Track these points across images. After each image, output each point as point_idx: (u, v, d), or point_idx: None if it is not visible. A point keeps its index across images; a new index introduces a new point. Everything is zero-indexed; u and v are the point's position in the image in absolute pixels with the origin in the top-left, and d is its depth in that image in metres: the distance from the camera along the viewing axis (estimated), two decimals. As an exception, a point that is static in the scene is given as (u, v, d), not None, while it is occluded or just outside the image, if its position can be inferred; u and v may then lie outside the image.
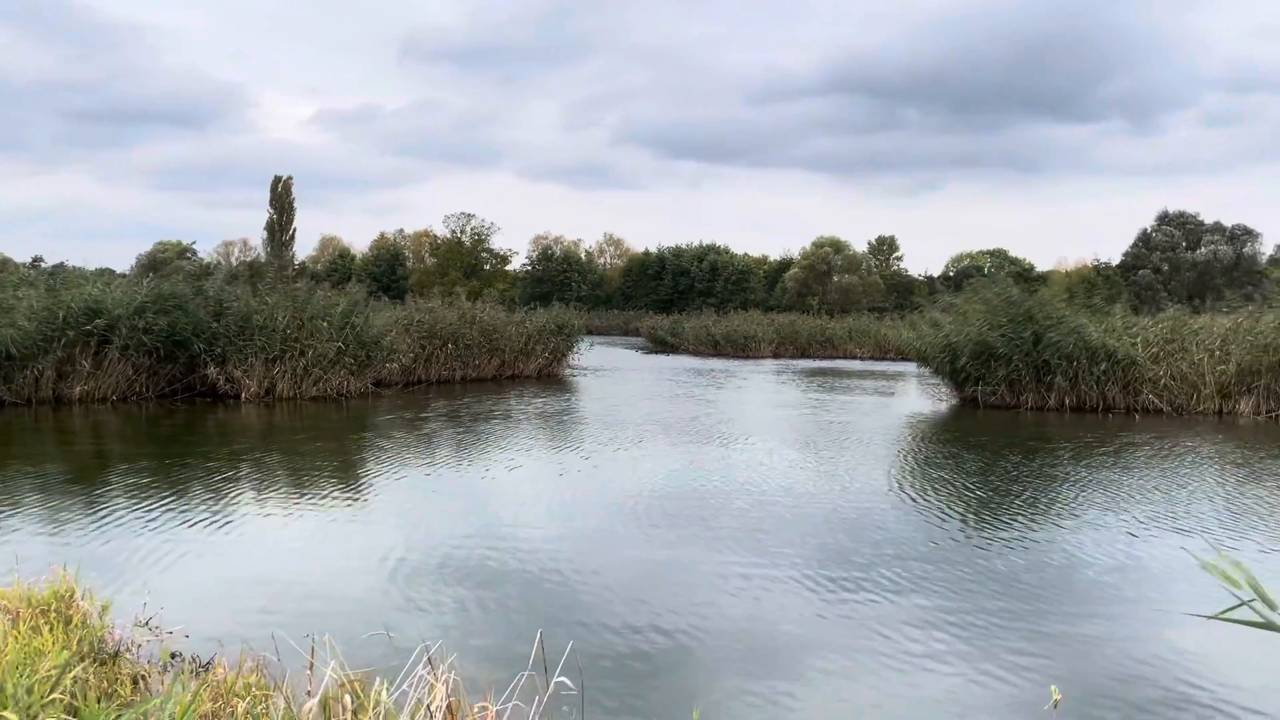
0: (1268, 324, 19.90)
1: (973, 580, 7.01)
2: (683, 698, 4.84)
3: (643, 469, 11.62)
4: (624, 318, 72.82)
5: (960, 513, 9.45)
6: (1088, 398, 19.63)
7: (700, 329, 45.69)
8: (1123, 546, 8.12)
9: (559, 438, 14.52)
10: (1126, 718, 4.74)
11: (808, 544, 8.02)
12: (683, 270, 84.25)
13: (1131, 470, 12.13)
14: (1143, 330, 21.11)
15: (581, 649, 5.45)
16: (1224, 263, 73.94)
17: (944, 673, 5.26)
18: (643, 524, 8.71)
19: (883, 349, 41.72)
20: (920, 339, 22.03)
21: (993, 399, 20.11)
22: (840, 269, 78.58)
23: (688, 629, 5.90)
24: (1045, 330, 19.65)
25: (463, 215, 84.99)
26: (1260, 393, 19.02)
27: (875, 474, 11.52)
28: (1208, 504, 10.00)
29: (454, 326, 24.34)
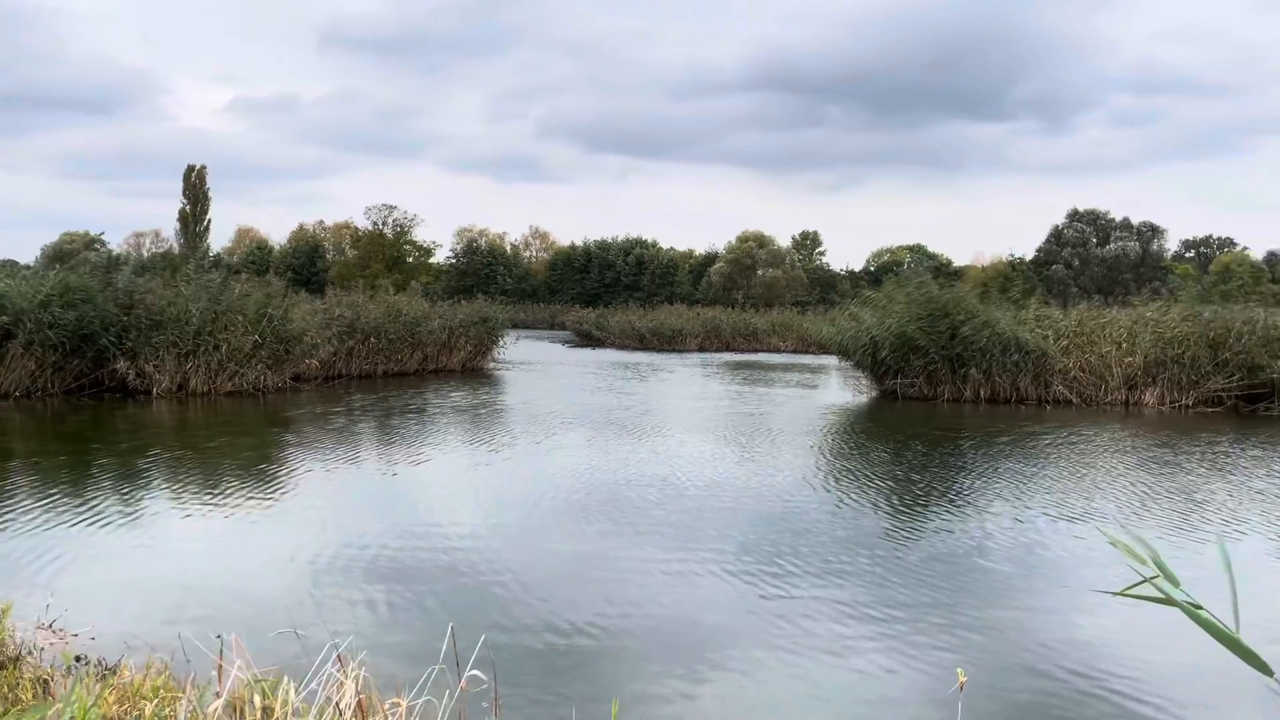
0: (1172, 318, 20.66)
1: (889, 568, 7.14)
2: (602, 690, 4.83)
3: (565, 463, 11.58)
4: (550, 311, 72.53)
5: (878, 502, 9.62)
6: (1001, 389, 20.15)
7: (626, 323, 45.77)
8: (1031, 533, 8.35)
9: (481, 432, 14.39)
10: (1032, 698, 4.88)
11: (729, 535, 8.08)
12: (609, 264, 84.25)
13: (1040, 460, 12.49)
14: (1054, 324, 21.75)
15: (501, 643, 5.41)
16: (1131, 258, 76.63)
17: (859, 660, 5.35)
18: (565, 518, 8.68)
19: (805, 343, 42.26)
20: (841, 333, 22.36)
21: (911, 391, 20.52)
22: (764, 263, 79.39)
23: (609, 622, 5.89)
24: (961, 324, 20.12)
25: (385, 207, 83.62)
26: (1164, 384, 19.74)
27: (797, 465, 11.66)
28: (1108, 491, 10.34)
29: (376, 320, 23.94)
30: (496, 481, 10.57)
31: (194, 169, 74.79)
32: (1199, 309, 20.94)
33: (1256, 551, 7.91)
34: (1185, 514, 9.20)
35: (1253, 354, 19.27)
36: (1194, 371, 19.54)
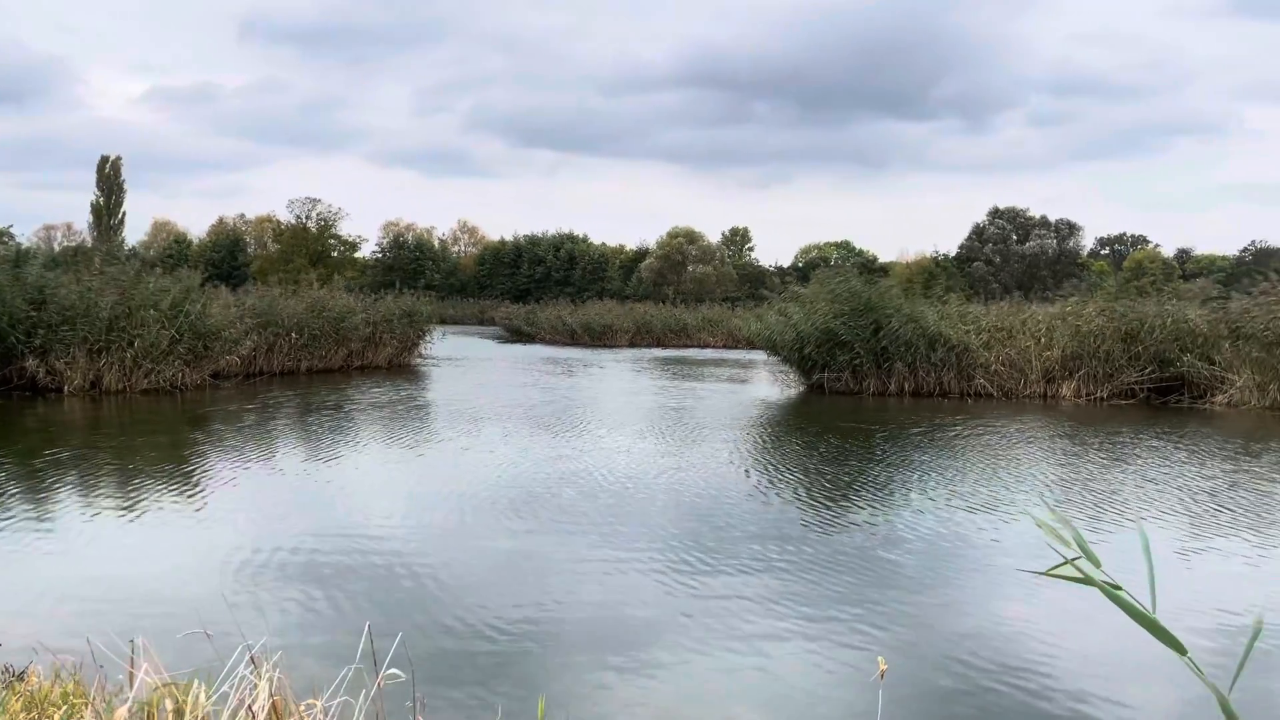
0: (1088, 313, 21.27)
1: (813, 559, 7.21)
2: (528, 687, 4.79)
3: (491, 459, 11.47)
4: (479, 307, 71.96)
5: (804, 494, 9.72)
6: (925, 383, 20.54)
7: (556, 318, 45.59)
8: (948, 523, 8.51)
9: (405, 429, 14.18)
10: (953, 683, 4.97)
11: (658, 529, 8.08)
12: (539, 259, 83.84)
13: (958, 452, 12.75)
14: (975, 319, 22.24)
15: (424, 642, 5.32)
16: (1050, 255, 78.83)
17: (783, 650, 5.38)
18: (490, 515, 8.59)
19: (735, 338, 42.55)
20: (769, 328, 22.56)
21: (837, 385, 20.79)
22: (695, 259, 79.79)
23: (535, 618, 5.84)
24: (885, 319, 20.45)
25: (308, 200, 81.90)
26: (1081, 377, 20.33)
27: (725, 459, 11.73)
28: (1015, 482, 10.61)
29: (299, 315, 23.43)
30: (421, 479, 10.43)
31: (108, 160, 72.44)
32: (1113, 305, 21.59)
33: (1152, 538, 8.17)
34: (1080, 502, 9.47)
35: (1163, 348, 19.96)
36: (1108, 365, 20.15)
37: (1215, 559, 7.52)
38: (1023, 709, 4.68)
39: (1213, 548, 7.84)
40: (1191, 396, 19.50)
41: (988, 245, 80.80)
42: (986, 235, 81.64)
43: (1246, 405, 18.59)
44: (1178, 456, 12.45)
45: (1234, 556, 7.58)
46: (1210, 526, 8.54)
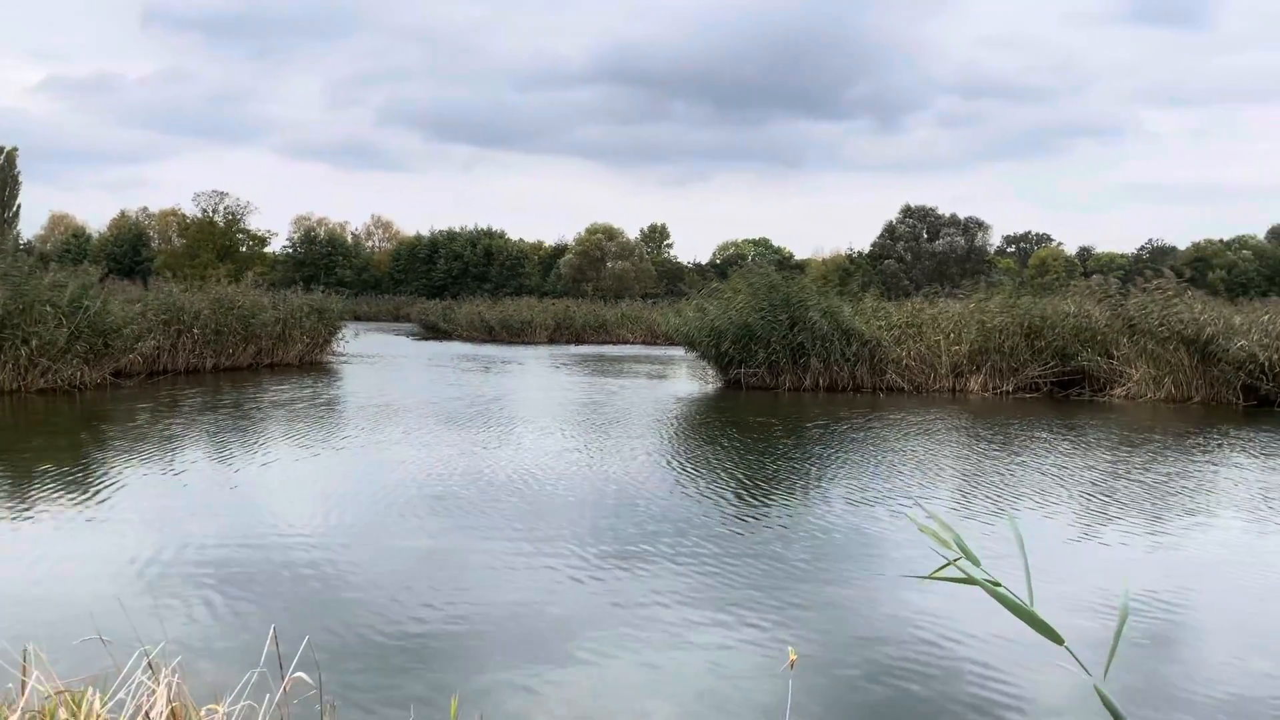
0: (994, 308, 21.90)
1: (731, 552, 7.28)
2: (443, 686, 4.73)
3: (406, 458, 11.30)
4: (394, 303, 70.85)
5: (721, 489, 9.80)
6: (839, 378, 20.91)
7: (474, 314, 45.17)
8: (861, 515, 8.68)
9: (317, 428, 13.88)
10: (863, 671, 5.06)
11: (577, 526, 8.06)
12: (456, 255, 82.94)
13: (871, 445, 13.02)
14: (887, 315, 22.72)
15: (334, 644, 5.22)
16: (959, 252, 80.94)
17: (699, 643, 5.42)
18: (407, 514, 8.46)
19: (654, 334, 42.72)
20: (687, 324, 22.70)
21: (754, 380, 21.03)
22: (613, 255, 79.87)
23: (450, 618, 5.77)
24: (801, 314, 20.75)
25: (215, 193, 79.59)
26: (987, 371, 20.93)
27: (643, 455, 11.76)
28: (932, 474, 10.88)
29: (204, 311, 22.75)
30: (331, 478, 10.22)
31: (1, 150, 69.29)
32: (1016, 301, 22.27)
33: (1036, 527, 8.46)
34: (974, 494, 9.77)
35: (1065, 343, 20.67)
36: (1013, 359, 20.78)
37: (1095, 546, 7.81)
38: (930, 695, 4.80)
39: (1092, 535, 8.14)
40: (1092, 390, 20.24)
41: (900, 243, 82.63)
42: (898, 233, 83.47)
43: (1143, 398, 19.38)
44: (1063, 447, 12.90)
45: (1113, 544, 7.89)
46: (1092, 515, 8.87)
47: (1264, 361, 18.24)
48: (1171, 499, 9.62)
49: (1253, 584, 6.91)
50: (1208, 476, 10.98)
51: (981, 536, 7.88)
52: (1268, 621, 6.10)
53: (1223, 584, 6.90)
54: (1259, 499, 9.68)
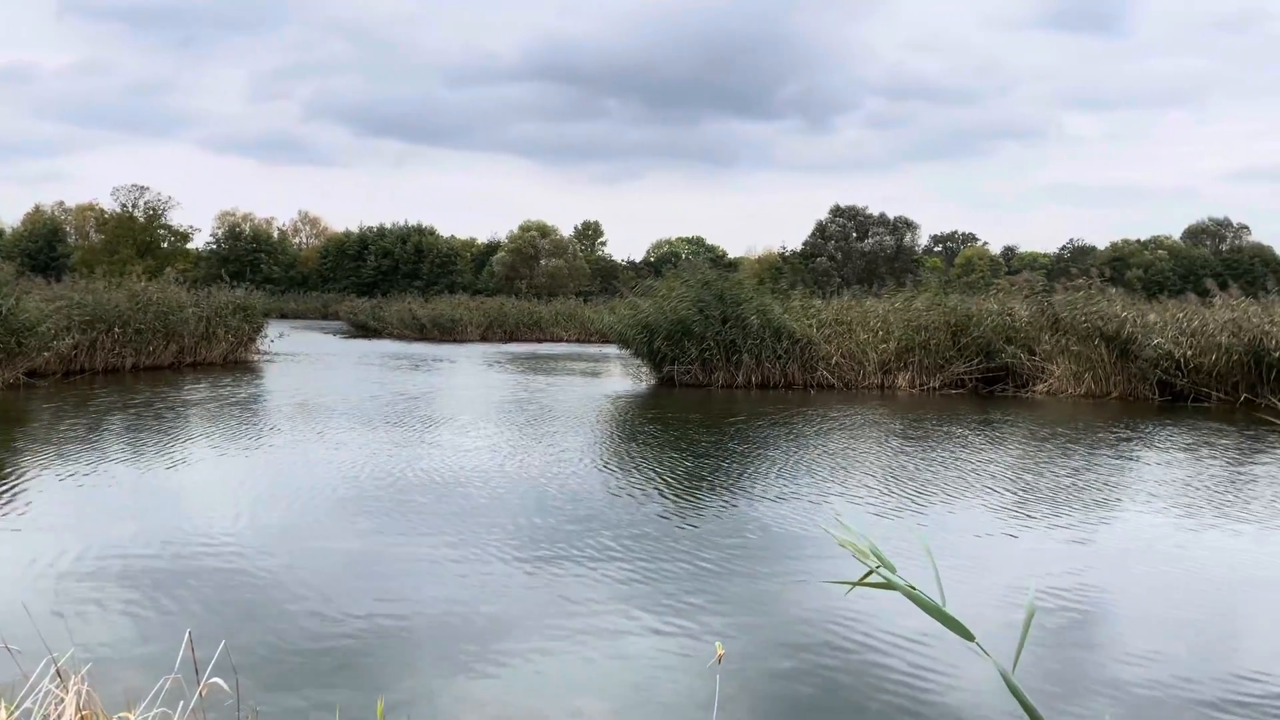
0: (920, 307, 22.30)
1: (663, 548, 7.29)
2: (371, 688, 4.64)
3: (334, 457, 11.09)
4: (322, 301, 69.63)
5: (653, 486, 9.81)
6: (771, 375, 21.09)
7: (405, 312, 44.60)
8: (792, 512, 8.76)
9: (241, 427, 13.56)
10: (793, 664, 5.10)
11: (509, 524, 7.99)
12: (386, 252, 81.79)
13: (801, 441, 13.16)
14: (818, 313, 22.99)
15: (262, 648, 5.10)
16: (888, 252, 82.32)
17: (631, 640, 5.41)
18: (332, 515, 8.31)
19: (588, 332, 42.65)
20: (621, 321, 22.69)
21: (687, 378, 21.11)
22: (547, 253, 79.55)
23: (379, 620, 5.67)
24: (734, 311, 20.89)
25: (135, 188, 77.42)
26: (914, 368, 21.30)
27: (577, 452, 11.71)
28: (863, 471, 11.04)
29: (124, 309, 22.06)
30: (255, 479, 9.98)
31: (-95, 140, 66.35)
32: (943, 299, 22.71)
33: (955, 522, 8.65)
34: (891, 490, 9.95)
35: (989, 340, 21.13)
36: (939, 357, 21.19)
37: (1012, 540, 8.00)
38: (859, 686, 4.85)
39: (1010, 529, 8.33)
40: (1015, 386, 20.72)
41: (830, 242, 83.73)
42: (829, 232, 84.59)
43: (1064, 393, 19.91)
44: (982, 443, 13.21)
45: (1029, 538, 8.08)
46: (1009, 509, 9.09)
47: (1179, 358, 18.86)
48: (1087, 493, 9.89)
49: (1165, 574, 7.14)
50: (1123, 470, 11.32)
51: (903, 531, 8.02)
52: (1179, 610, 6.30)
53: (1136, 575, 7.11)
54: (1173, 492, 10.01)
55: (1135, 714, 4.60)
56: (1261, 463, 11.67)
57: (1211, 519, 8.72)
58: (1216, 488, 10.15)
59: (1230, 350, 18.51)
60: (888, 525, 8.23)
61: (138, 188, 77.53)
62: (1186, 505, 9.29)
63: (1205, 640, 5.69)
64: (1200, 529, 8.38)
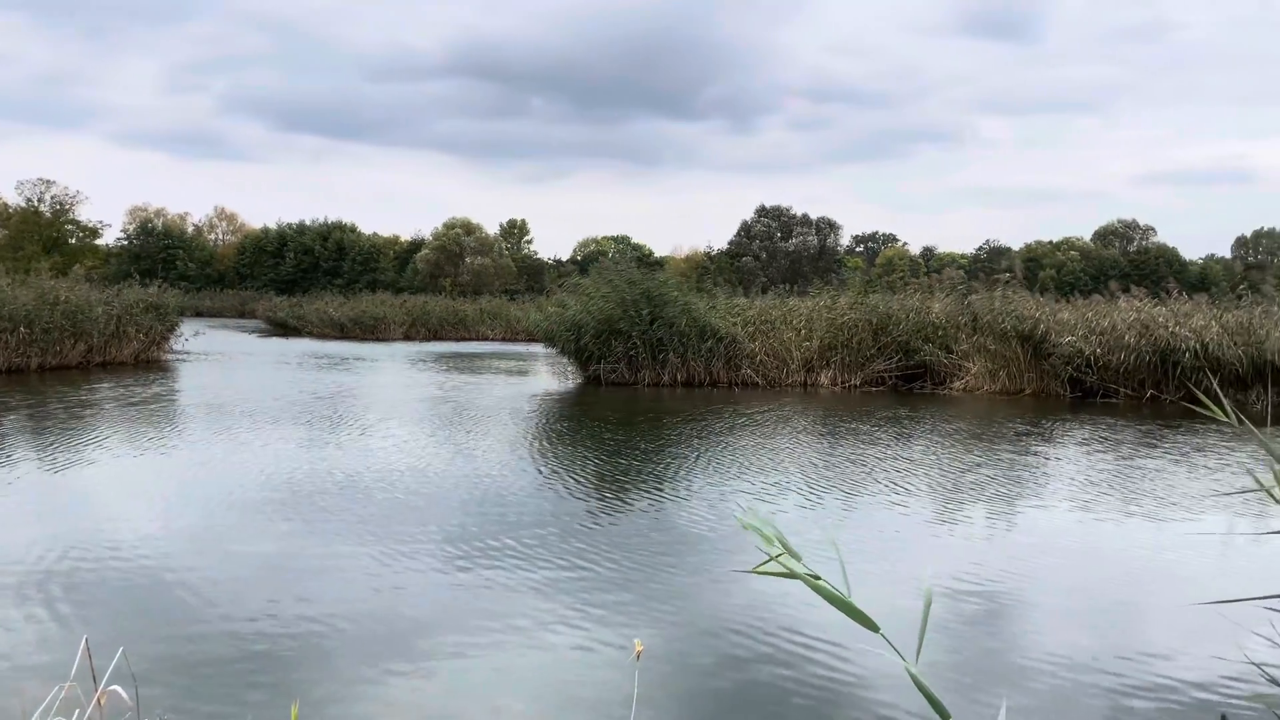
0: (842, 306, 22.63)
1: (587, 546, 7.25)
2: (286, 693, 4.51)
3: (253, 458, 10.80)
4: (239, 299, 67.94)
5: (579, 485, 9.77)
6: (696, 373, 21.20)
7: (325, 310, 43.74)
8: (713, 507, 8.80)
9: (151, 428, 13.12)
10: (714, 658, 5.11)
11: (430, 524, 7.87)
12: (306, 249, 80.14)
13: (724, 439, 13.24)
14: (742, 312, 23.18)
15: (171, 655, 4.93)
16: (811, 251, 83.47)
17: (555, 638, 5.37)
18: (249, 518, 8.08)
19: (514, 330, 42.35)
20: (547, 320, 22.58)
21: (614, 376, 21.09)
22: (472, 251, 78.77)
23: (298, 621, 5.52)
24: (660, 310, 20.93)
25: (41, 182, 74.54)
26: (837, 366, 21.61)
27: (501, 451, 11.60)
28: (781, 466, 11.15)
29: (27, 307, 21.18)
30: (165, 481, 9.66)
31: None
32: (865, 298, 23.08)
33: (874, 515, 8.80)
34: (809, 484, 10.09)
35: (908, 339, 21.54)
36: (860, 355, 21.53)
37: (925, 532, 8.16)
38: (779, 678, 4.88)
39: (924, 521, 8.51)
40: (933, 383, 21.16)
41: (755, 241, 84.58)
42: (754, 232, 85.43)
43: (979, 390, 20.40)
44: (892, 438, 13.47)
45: (942, 530, 8.26)
46: (924, 501, 9.28)
47: (1089, 356, 19.47)
48: (993, 486, 10.14)
49: (1067, 564, 7.34)
50: (1030, 464, 11.63)
51: (814, 524, 8.12)
52: (1088, 600, 6.48)
53: (1039, 565, 7.29)
54: (1076, 484, 10.31)
55: (1038, 698, 4.71)
56: (1159, 457, 12.09)
57: (1111, 510, 9.00)
58: (1117, 480, 10.49)
59: (1138, 350, 19.18)
60: (800, 519, 8.32)
61: (43, 181, 74.70)
62: (1088, 497, 9.58)
63: (1103, 626, 5.87)
64: (1101, 520, 8.65)
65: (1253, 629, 3.07)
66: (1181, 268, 78.98)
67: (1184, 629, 5.69)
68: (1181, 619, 5.83)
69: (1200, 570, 7.09)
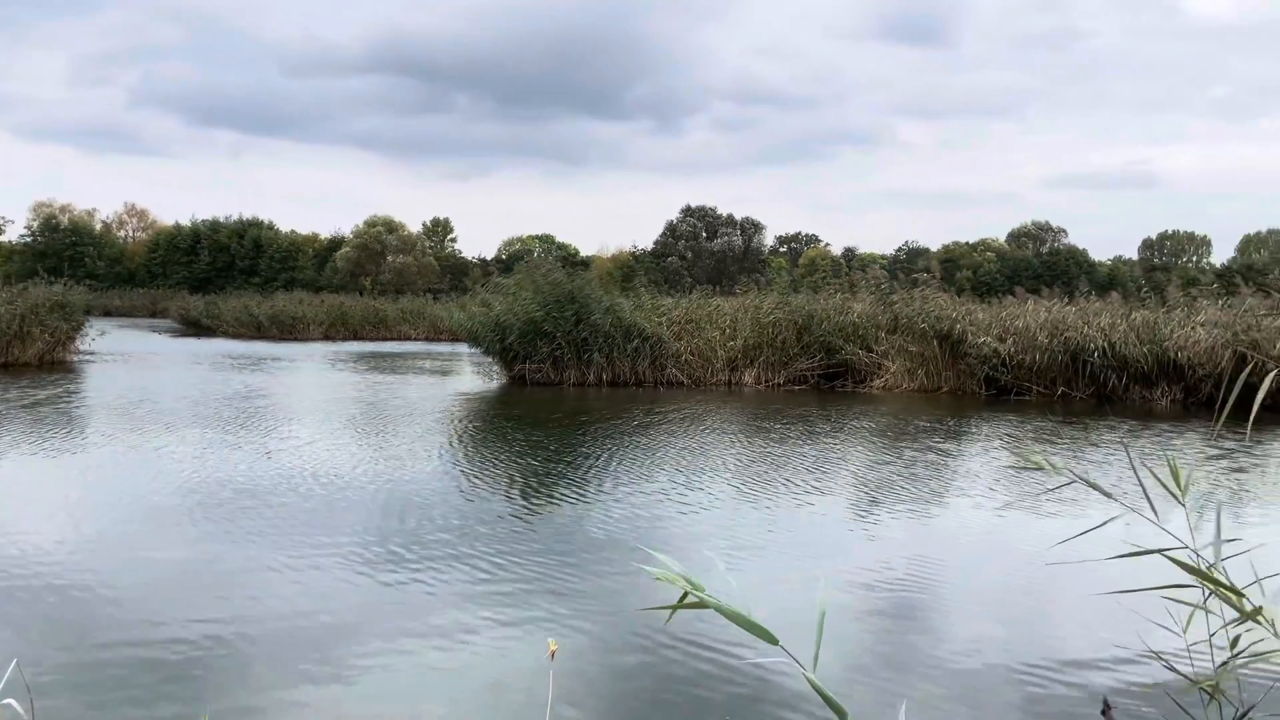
0: (767, 306, 22.87)
1: (509, 549, 7.20)
2: (197, 704, 4.39)
3: (165, 462, 10.48)
4: (151, 298, 65.91)
5: (499, 487, 9.70)
6: (622, 373, 21.22)
7: (241, 309, 42.66)
8: (635, 507, 8.82)
9: (55, 431, 12.64)
10: (634, 658, 5.12)
11: (349, 528, 7.73)
12: (221, 246, 78.14)
13: (647, 439, 13.29)
14: (668, 311, 23.28)
15: (76, 666, 4.76)
16: (737, 251, 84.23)
17: (476, 642, 5.32)
18: (163, 522, 7.84)
19: (438, 330, 41.83)
20: (471, 319, 22.39)
21: (539, 376, 21.00)
22: (394, 249, 77.67)
23: (211, 630, 5.37)
24: (585, 310, 20.90)
25: (-61, 175, 71.21)
26: (761, 365, 21.85)
27: (424, 453, 11.46)
28: (700, 466, 11.23)
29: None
30: (71, 486, 9.33)
31: None
32: (789, 298, 23.37)
33: (790, 513, 8.94)
34: (726, 483, 10.21)
35: (830, 338, 21.88)
36: (784, 354, 21.81)
37: (840, 529, 8.32)
38: (697, 677, 4.91)
39: (837, 519, 8.66)
40: (854, 381, 21.53)
41: (681, 241, 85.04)
42: (680, 232, 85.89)
43: (898, 388, 20.83)
44: (810, 435, 13.70)
45: (856, 527, 8.43)
46: (836, 499, 9.45)
47: (1004, 355, 20.02)
48: (907, 482, 10.36)
49: (986, 559, 7.55)
50: (942, 461, 11.92)
51: (725, 527, 8.20)
52: (999, 594, 6.66)
53: (958, 561, 7.48)
54: (985, 479, 10.59)
55: (945, 689, 4.82)
56: (1065, 453, 12.49)
57: (1018, 504, 9.27)
58: (1027, 474, 10.80)
59: (1050, 349, 19.78)
60: (710, 520, 8.40)
61: (-60, 174, 71.37)
62: (996, 492, 9.84)
63: (1009, 619, 6.03)
64: (1008, 513, 8.90)
65: (1150, 618, 3.20)
66: (1091, 268, 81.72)
67: (1086, 619, 5.89)
68: (1083, 610, 6.03)
69: (1098, 562, 7.33)
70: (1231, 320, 19.40)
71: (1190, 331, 19.33)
